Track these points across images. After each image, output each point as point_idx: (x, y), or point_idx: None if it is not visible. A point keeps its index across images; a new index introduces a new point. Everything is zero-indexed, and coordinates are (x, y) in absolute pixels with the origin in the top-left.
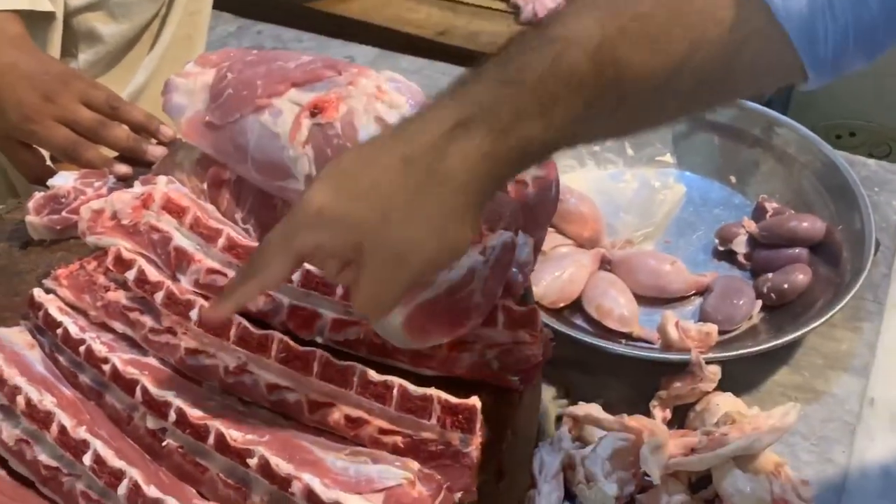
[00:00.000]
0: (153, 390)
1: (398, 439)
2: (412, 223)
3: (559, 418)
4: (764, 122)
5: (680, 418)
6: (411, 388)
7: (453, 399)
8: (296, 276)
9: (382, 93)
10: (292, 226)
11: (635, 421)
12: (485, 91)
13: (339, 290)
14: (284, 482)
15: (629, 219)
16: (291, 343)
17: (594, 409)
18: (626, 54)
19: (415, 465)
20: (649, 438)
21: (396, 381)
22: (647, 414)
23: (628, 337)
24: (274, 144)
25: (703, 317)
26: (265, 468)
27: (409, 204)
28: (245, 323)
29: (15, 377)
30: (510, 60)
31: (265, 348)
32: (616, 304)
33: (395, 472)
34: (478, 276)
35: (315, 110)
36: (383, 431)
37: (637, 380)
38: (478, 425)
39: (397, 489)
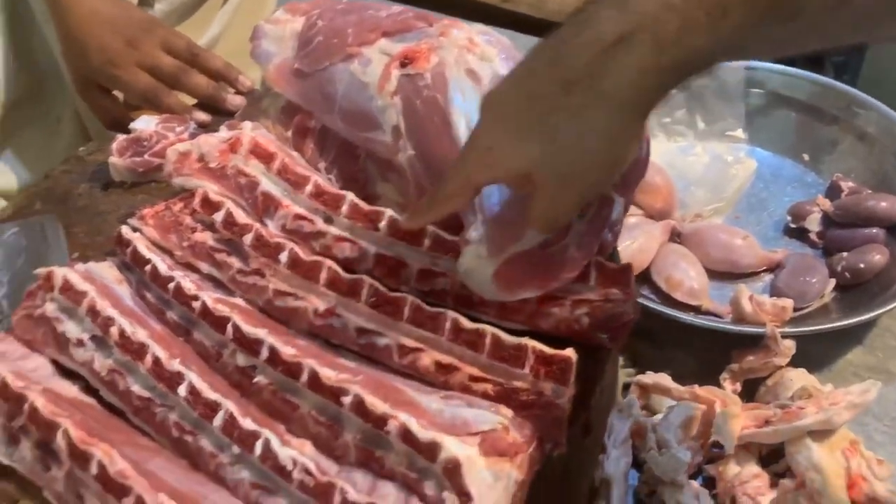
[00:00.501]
0: (244, 328)
1: (489, 387)
2: (580, 148)
3: (626, 387)
4: (844, 101)
5: (748, 393)
6: (505, 336)
7: (548, 349)
8: (382, 224)
9: (474, 45)
10: (467, 165)
11: (706, 391)
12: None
13: (427, 242)
14: (380, 421)
15: (699, 193)
16: (381, 288)
17: (663, 379)
18: None
19: (508, 411)
20: (722, 408)
21: (489, 329)
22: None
23: (697, 310)
24: (362, 94)
25: (774, 293)
26: (359, 407)
27: (576, 129)
28: (335, 267)
29: (108, 308)
30: None
31: (355, 293)
32: (686, 277)
33: (491, 417)
34: (574, 230)
35: (405, 61)
36: (474, 378)
37: (705, 353)
38: (572, 377)
39: (493, 434)
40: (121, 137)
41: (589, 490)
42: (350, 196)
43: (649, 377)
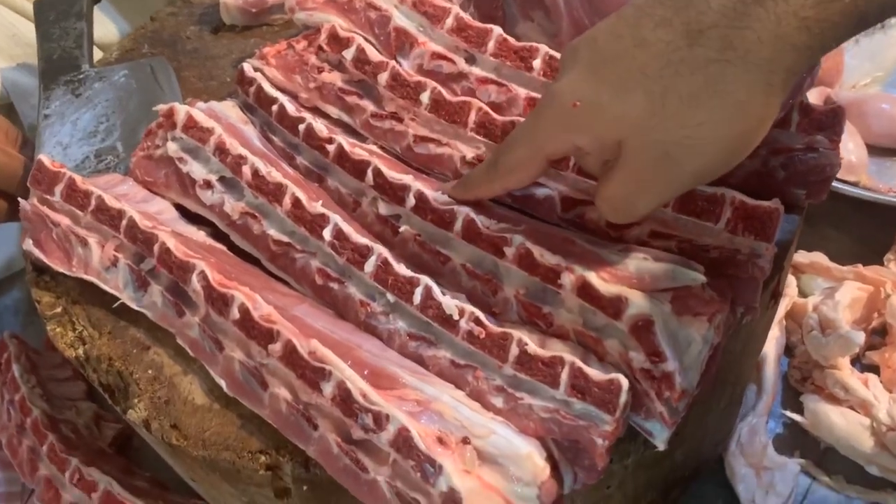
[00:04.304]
0: (388, 173)
1: (672, 244)
2: (698, 116)
3: None
4: None
5: None
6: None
7: (750, 200)
8: (537, 63)
9: None
10: (542, 126)
11: (873, 271)
12: None
13: None
14: (551, 274)
15: (855, 63)
16: None
17: (820, 258)
18: None
19: (701, 267)
20: (894, 289)
21: None
22: None
23: (854, 186)
24: None
25: None
26: (525, 258)
27: (697, 91)
28: (486, 108)
29: (238, 147)
30: None
31: None
32: (844, 149)
33: (684, 272)
34: None
35: None
36: (655, 234)
37: (863, 233)
38: (776, 234)
39: (686, 290)
40: None
41: None
42: (497, 30)
43: (803, 256)
